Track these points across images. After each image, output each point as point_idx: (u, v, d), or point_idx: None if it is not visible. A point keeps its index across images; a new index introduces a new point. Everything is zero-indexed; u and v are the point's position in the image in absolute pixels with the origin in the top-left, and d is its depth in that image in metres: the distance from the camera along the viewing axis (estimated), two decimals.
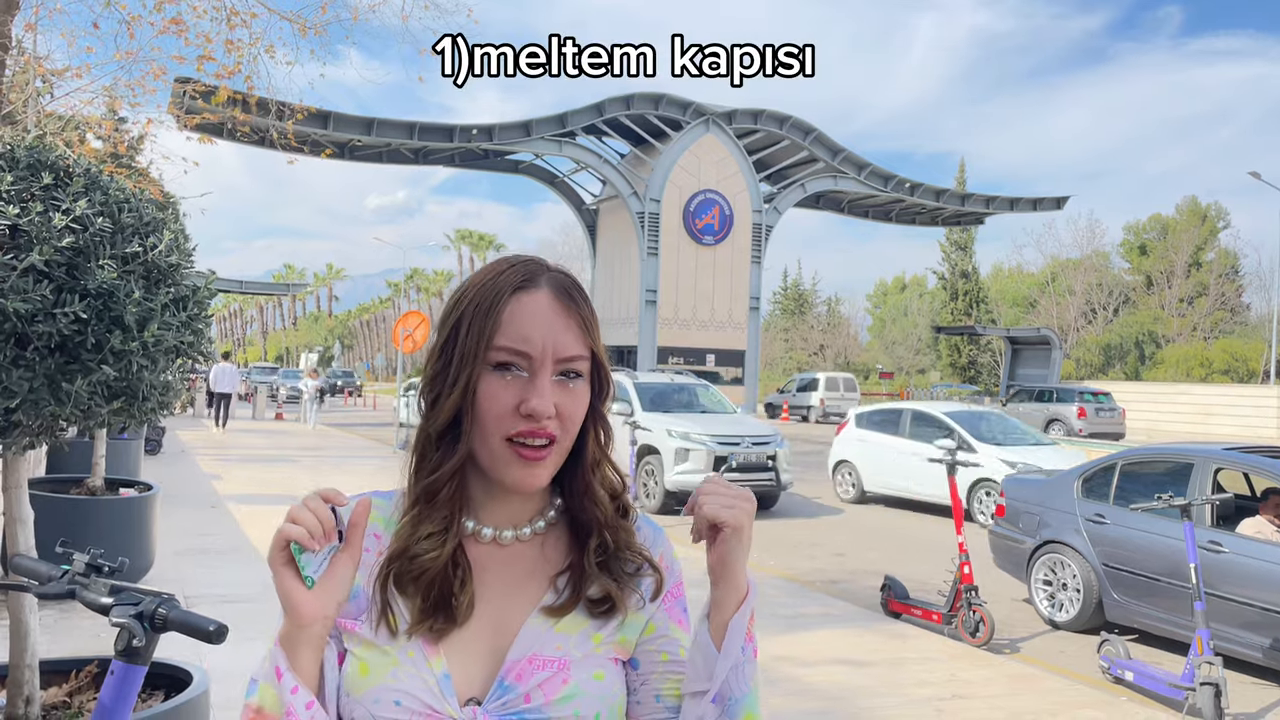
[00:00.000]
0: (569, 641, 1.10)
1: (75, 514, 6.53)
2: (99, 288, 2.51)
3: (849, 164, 38.99)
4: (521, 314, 1.07)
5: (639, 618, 1.16)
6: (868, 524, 12.87)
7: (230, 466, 15.62)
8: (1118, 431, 28.70)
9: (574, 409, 1.09)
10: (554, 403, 1.06)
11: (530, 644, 1.09)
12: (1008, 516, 8.30)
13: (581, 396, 1.10)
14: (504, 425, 1.06)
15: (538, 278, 1.10)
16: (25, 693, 2.83)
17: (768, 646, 6.36)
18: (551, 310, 1.08)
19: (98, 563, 1.76)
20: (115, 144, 13.21)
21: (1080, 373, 51.89)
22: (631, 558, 1.16)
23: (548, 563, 1.15)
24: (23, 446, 2.70)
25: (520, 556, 1.15)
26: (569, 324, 1.09)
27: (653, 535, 1.22)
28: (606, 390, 1.15)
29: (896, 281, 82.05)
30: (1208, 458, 7.03)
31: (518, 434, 1.05)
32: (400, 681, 1.05)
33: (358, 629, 1.09)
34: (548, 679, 1.07)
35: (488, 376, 1.07)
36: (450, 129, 34.05)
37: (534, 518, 1.16)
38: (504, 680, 1.07)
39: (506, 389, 1.06)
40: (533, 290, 1.09)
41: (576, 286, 1.12)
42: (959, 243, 57.46)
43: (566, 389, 1.08)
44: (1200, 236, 56.29)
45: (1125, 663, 6.02)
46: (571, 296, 1.10)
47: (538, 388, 1.05)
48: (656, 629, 1.18)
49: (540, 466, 1.07)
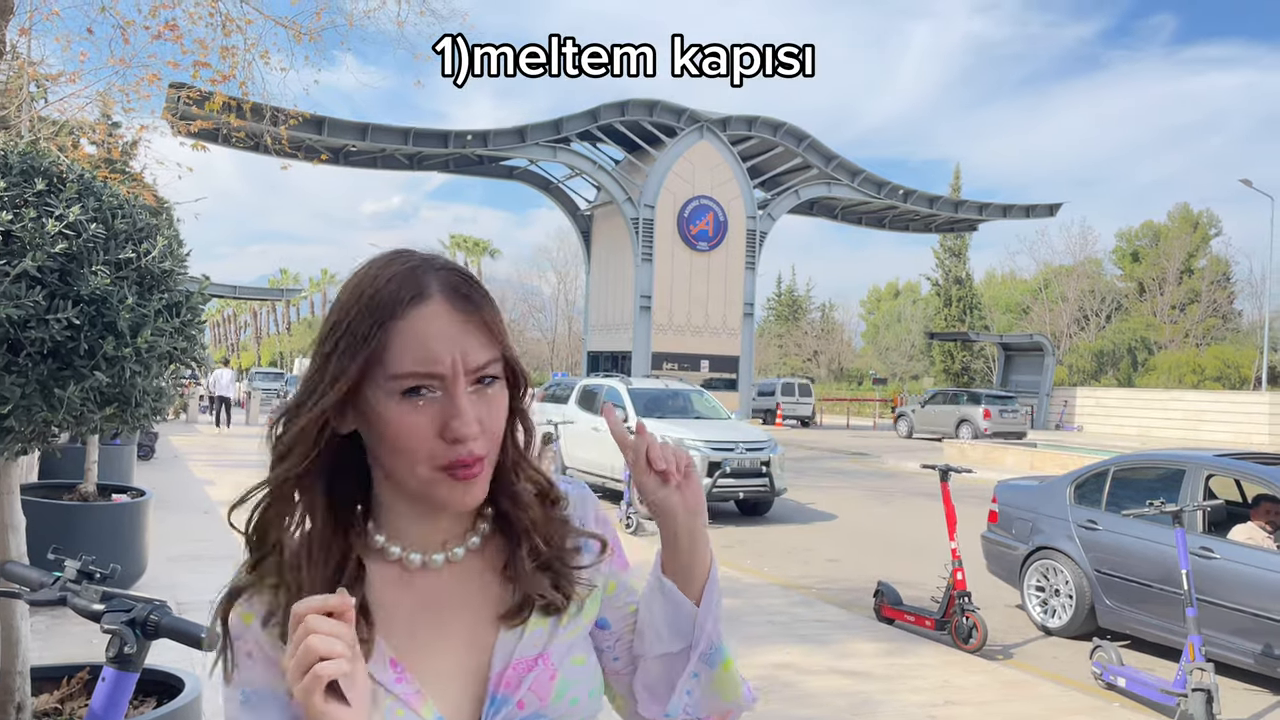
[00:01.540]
0: (543, 639, 1.07)
1: (68, 520, 6.51)
2: (92, 294, 2.51)
3: (842, 171, 39.09)
4: (419, 331, 0.96)
5: (595, 596, 1.13)
6: (861, 530, 12.88)
7: (223, 472, 15.58)
8: (1020, 430, 31.82)
9: (496, 418, 1.01)
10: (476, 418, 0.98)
11: (508, 651, 1.05)
12: (1000, 522, 8.32)
13: (499, 401, 1.02)
14: (430, 455, 0.97)
15: (426, 285, 0.98)
16: (16, 700, 2.83)
17: (762, 654, 6.36)
18: (451, 319, 0.98)
19: (89, 569, 1.76)
20: (109, 149, 13.19)
21: (1073, 379, 51.97)
22: (570, 540, 1.12)
23: (494, 570, 1.09)
24: (15, 452, 2.69)
25: (467, 572, 1.09)
26: (471, 329, 0.98)
27: (579, 498, 1.18)
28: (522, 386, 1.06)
29: (890, 288, 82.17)
30: (1199, 464, 7.05)
31: (451, 464, 0.97)
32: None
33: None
34: (536, 679, 1.05)
35: (393, 405, 0.96)
36: (445, 134, 34.05)
37: (467, 533, 1.09)
38: (495, 695, 1.04)
39: (420, 414, 0.96)
40: (424, 302, 0.97)
41: (470, 283, 1.01)
42: (953, 249, 57.56)
43: (485, 398, 0.99)
44: (1192, 243, 56.49)
45: (1117, 669, 6.03)
46: (468, 298, 0.99)
47: (458, 409, 0.96)
48: (618, 585, 1.17)
49: (475, 484, 1.00)
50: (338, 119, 31.98)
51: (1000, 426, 31.35)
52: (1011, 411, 32.13)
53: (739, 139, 37.18)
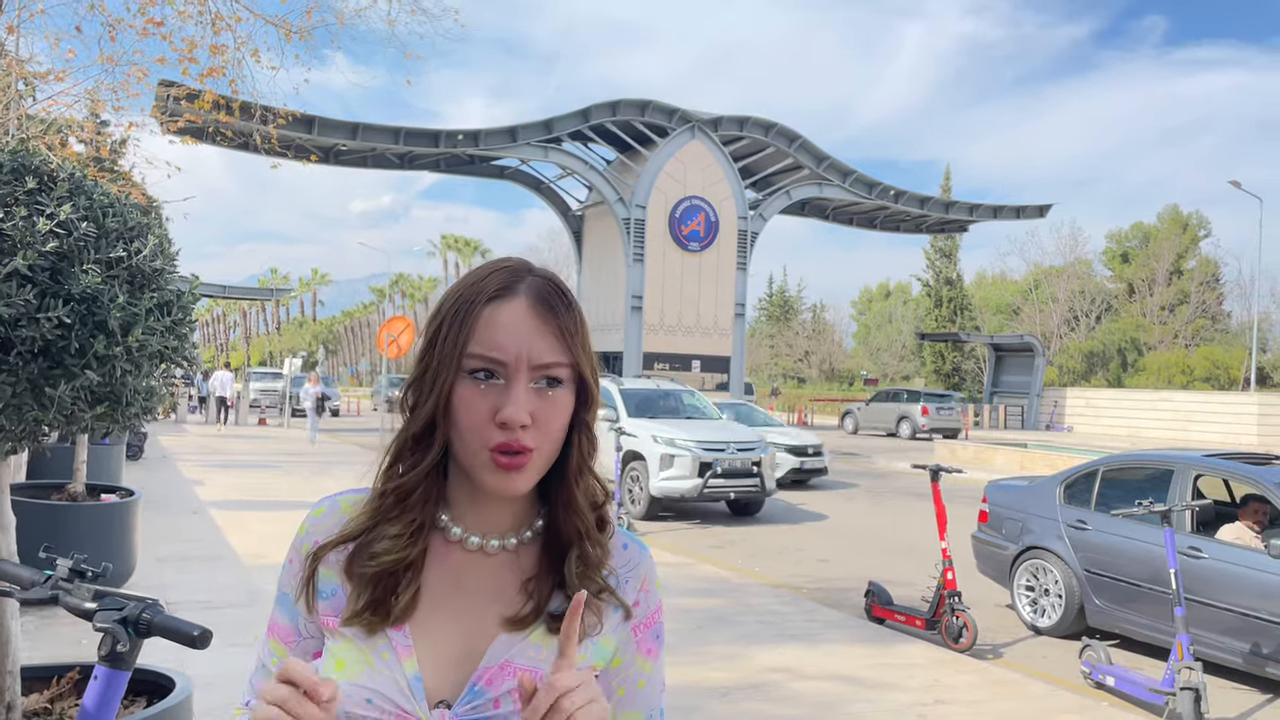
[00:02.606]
0: (541, 654, 1.10)
1: (57, 519, 6.48)
2: (83, 293, 2.50)
3: (834, 171, 39.13)
4: (496, 322, 1.07)
5: (607, 643, 1.16)
6: (852, 530, 12.90)
7: (212, 472, 15.53)
8: (955, 428, 33.70)
9: (552, 418, 1.07)
10: (530, 411, 1.05)
11: (504, 652, 1.09)
12: (990, 522, 8.35)
13: (561, 405, 1.08)
14: (482, 435, 1.05)
15: (516, 285, 1.09)
16: (6, 699, 2.82)
17: (753, 654, 6.37)
18: (527, 318, 1.07)
19: (81, 568, 1.76)
20: (97, 147, 13.13)
21: (1063, 379, 52.16)
22: (599, 579, 1.14)
23: (523, 572, 1.15)
24: (4, 452, 2.69)
25: (500, 565, 1.15)
26: (545, 331, 1.07)
27: (637, 556, 1.21)
28: (591, 401, 1.13)
29: (881, 288, 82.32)
30: (1188, 464, 7.08)
31: (497, 446, 1.05)
32: (372, 680, 1.06)
33: (336, 625, 1.11)
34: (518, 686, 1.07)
35: (464, 384, 1.06)
36: (436, 134, 33.98)
37: (520, 527, 1.16)
38: (475, 685, 1.08)
39: (482, 397, 1.05)
40: (509, 298, 1.08)
41: (558, 294, 1.10)
42: (943, 250, 57.72)
43: (545, 397, 1.07)
44: (1182, 245, 56.74)
45: (1106, 668, 6.06)
46: (549, 304, 1.08)
47: (512, 396, 1.04)
48: (622, 661, 1.18)
49: (518, 475, 1.06)
50: (328, 118, 31.87)
51: (937, 423, 33.46)
52: (948, 409, 34.27)
53: (730, 139, 37.20)
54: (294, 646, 1.16)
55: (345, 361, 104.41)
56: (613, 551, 1.18)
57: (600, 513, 1.17)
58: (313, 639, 1.15)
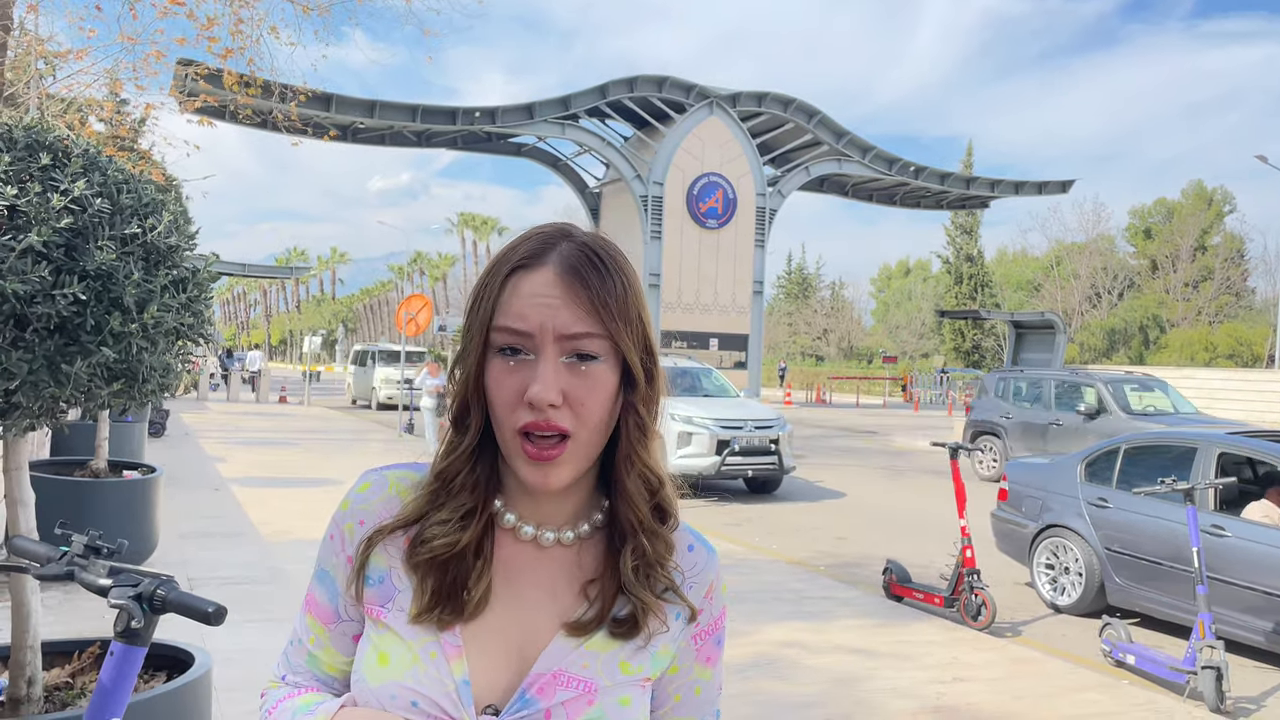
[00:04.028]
0: (597, 663, 1.04)
1: (78, 496, 6.55)
2: (98, 269, 2.50)
3: (853, 147, 38.81)
4: (521, 292, 1.00)
5: (667, 651, 1.10)
6: (870, 507, 12.87)
7: (234, 449, 15.65)
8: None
9: (588, 396, 0.99)
10: (562, 389, 0.97)
11: (557, 658, 1.04)
12: (1010, 500, 8.30)
13: (598, 381, 0.99)
14: (513, 416, 0.99)
15: (546, 254, 1.01)
16: (27, 674, 2.84)
17: (771, 631, 6.38)
18: (554, 287, 0.99)
19: (97, 544, 1.75)
20: (117, 126, 13.17)
21: (1084, 357, 51.80)
22: (663, 577, 1.08)
23: (582, 570, 1.08)
24: (23, 428, 2.69)
25: (558, 560, 1.09)
26: (572, 300, 0.98)
27: (705, 560, 1.15)
28: (639, 379, 1.03)
29: (900, 265, 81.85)
30: (1211, 442, 7.01)
31: (525, 427, 0.98)
32: (418, 683, 1.01)
33: (384, 617, 1.06)
34: (572, 699, 1.02)
35: (494, 361, 1.00)
36: (453, 111, 33.90)
37: (578, 519, 1.09)
38: (525, 693, 1.02)
39: (511, 374, 0.99)
40: (537, 267, 1.01)
41: (592, 260, 1.01)
42: (964, 226, 57.24)
43: (578, 373, 0.98)
44: (1206, 220, 56.06)
45: (1127, 646, 6.02)
46: (579, 272, 0.99)
47: (539, 372, 0.97)
48: (680, 669, 1.13)
49: (553, 466, 0.99)
50: (345, 96, 31.85)
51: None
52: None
53: (749, 115, 36.93)
54: (333, 628, 1.12)
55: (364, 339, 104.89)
56: (679, 552, 1.12)
57: (658, 501, 1.09)
58: (353, 622, 1.11)
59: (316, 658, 1.13)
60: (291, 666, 1.15)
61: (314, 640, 1.13)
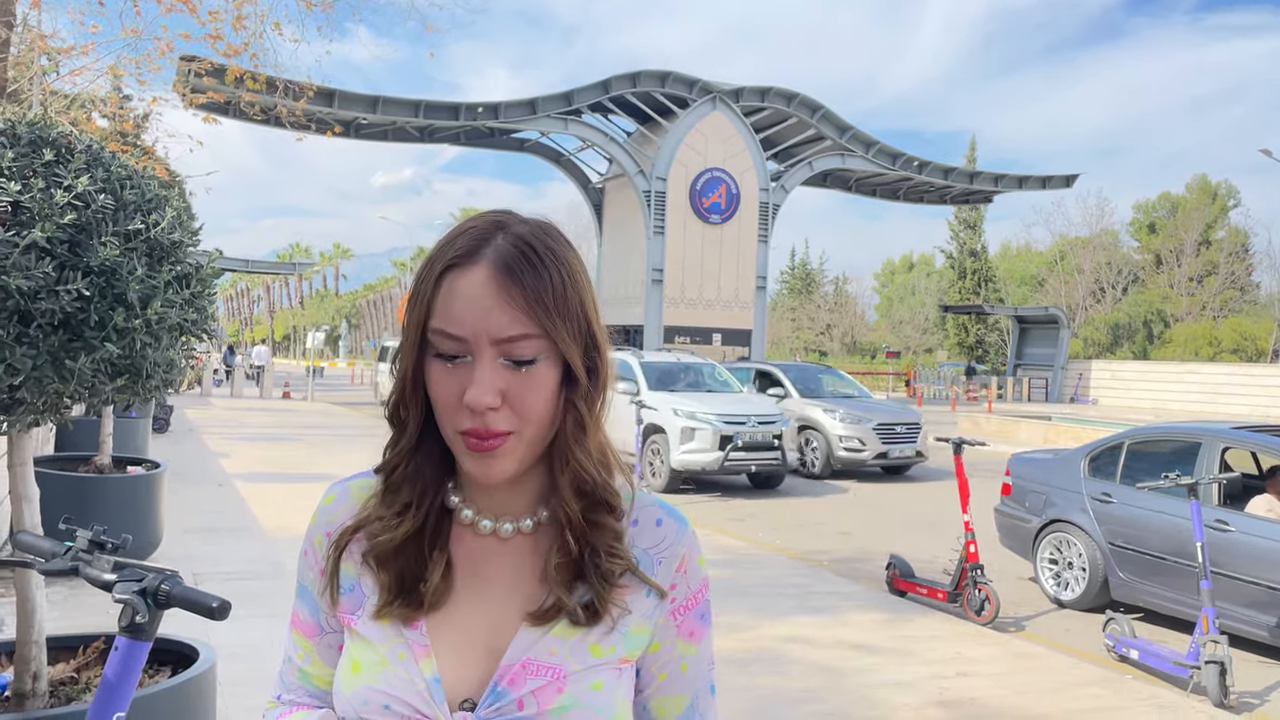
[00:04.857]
0: (564, 649, 1.04)
1: (83, 492, 6.56)
2: (101, 265, 2.50)
3: (856, 142, 38.75)
4: (454, 293, 0.97)
5: (642, 629, 1.08)
6: (873, 502, 12.87)
7: (238, 445, 15.68)
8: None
9: (529, 396, 0.98)
10: (501, 390, 0.96)
11: (525, 648, 1.03)
12: (1014, 495, 8.30)
13: (538, 380, 0.98)
14: (454, 418, 0.98)
15: (479, 250, 0.98)
16: (32, 669, 2.85)
17: (773, 626, 6.38)
18: (486, 288, 0.96)
19: (101, 539, 1.76)
20: (120, 122, 13.18)
21: (1088, 352, 51.71)
22: (617, 563, 1.05)
23: (540, 559, 1.07)
24: (27, 424, 2.70)
25: (519, 550, 1.08)
26: (506, 301, 0.96)
27: (675, 534, 1.11)
28: (580, 375, 1.01)
29: (904, 260, 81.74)
30: (1215, 437, 7.00)
31: (466, 432, 0.98)
32: (389, 685, 1.02)
33: (355, 624, 1.07)
34: (542, 687, 1.02)
35: (433, 363, 0.99)
36: (456, 107, 33.88)
37: (536, 507, 1.08)
38: (498, 685, 1.02)
39: (450, 377, 0.98)
40: (469, 266, 0.97)
41: (526, 257, 0.98)
42: (967, 221, 57.14)
43: (517, 374, 0.97)
44: (1210, 215, 55.92)
45: (1130, 641, 6.02)
46: (512, 270, 0.96)
47: (476, 376, 0.96)
48: (662, 646, 1.12)
49: (494, 459, 0.98)
50: (348, 91, 31.85)
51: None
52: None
53: (752, 110, 36.89)
54: (317, 641, 1.13)
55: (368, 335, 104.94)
56: (645, 529, 1.10)
57: (598, 496, 1.06)
58: (336, 633, 1.12)
59: (307, 673, 1.15)
60: (286, 686, 1.17)
61: (302, 656, 1.15)
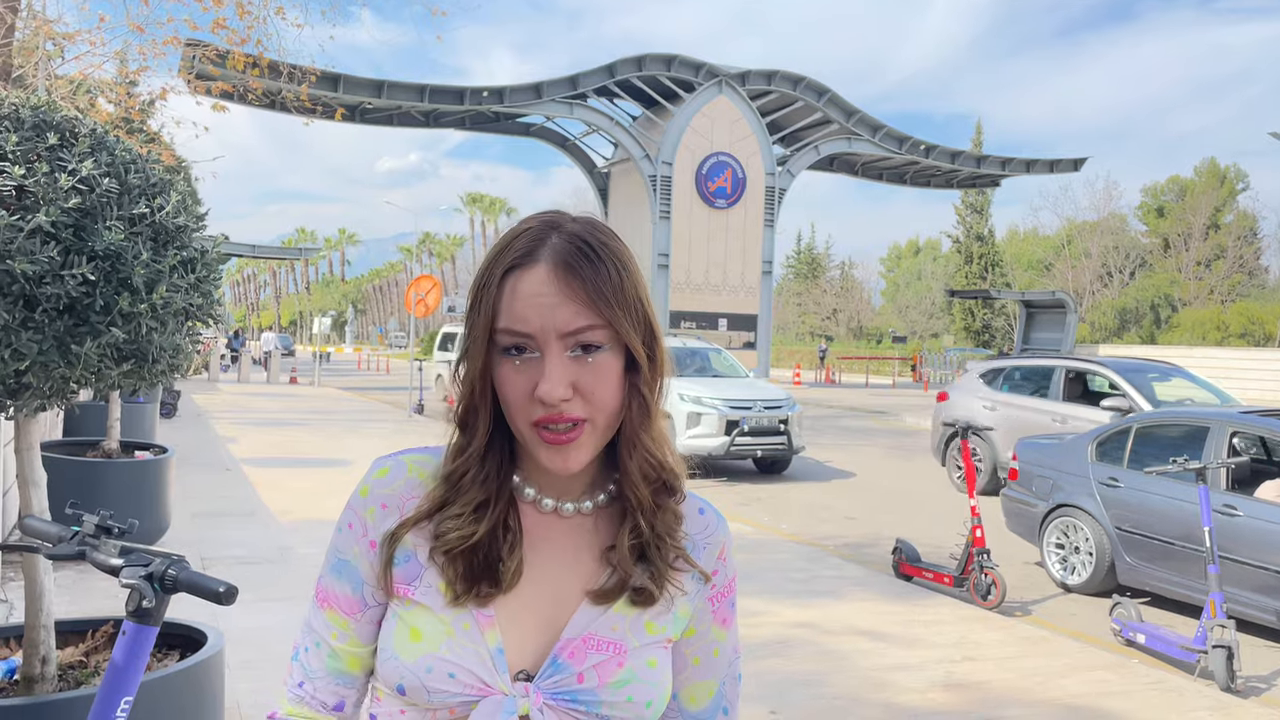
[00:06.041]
0: (624, 625, 1.09)
1: (90, 477, 6.58)
2: (106, 249, 2.49)
3: (863, 125, 38.58)
4: (518, 293, 1.01)
5: (686, 611, 1.14)
6: (880, 487, 12.88)
7: (245, 430, 15.72)
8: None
9: (598, 385, 1.02)
10: (571, 382, 1.00)
11: (586, 623, 1.08)
12: (1020, 480, 8.28)
13: (604, 369, 1.02)
14: (526, 411, 1.02)
15: (538, 250, 1.02)
16: (41, 653, 2.86)
17: (780, 611, 6.39)
18: (549, 285, 1.00)
19: (107, 524, 1.76)
20: (126, 108, 13.17)
21: (1095, 336, 51.58)
22: (673, 547, 1.12)
23: (601, 537, 1.12)
24: (34, 409, 2.70)
25: (579, 530, 1.12)
26: (569, 296, 1.00)
27: (715, 524, 1.19)
28: (641, 361, 1.05)
29: (910, 245, 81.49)
30: (1224, 421, 6.98)
31: (540, 420, 1.01)
32: (454, 654, 1.04)
33: (411, 594, 1.08)
34: (603, 661, 1.06)
35: (502, 363, 1.03)
36: (461, 91, 33.78)
37: (594, 490, 1.13)
38: (557, 658, 1.06)
39: (520, 374, 1.01)
40: (530, 266, 1.02)
41: (583, 252, 1.02)
42: (974, 205, 56.91)
43: (585, 365, 1.01)
44: (1219, 198, 55.60)
45: (1137, 625, 6.02)
46: (572, 266, 1.01)
47: (546, 371, 0.99)
48: (697, 631, 1.17)
49: (570, 450, 1.02)
50: (353, 76, 31.77)
51: None
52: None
53: (758, 94, 36.72)
54: (358, 617, 1.12)
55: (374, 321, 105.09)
56: (691, 518, 1.16)
57: (662, 484, 1.11)
58: (379, 607, 1.12)
59: (339, 654, 1.13)
60: (309, 672, 1.13)
61: (337, 635, 1.12)
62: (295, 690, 1.14)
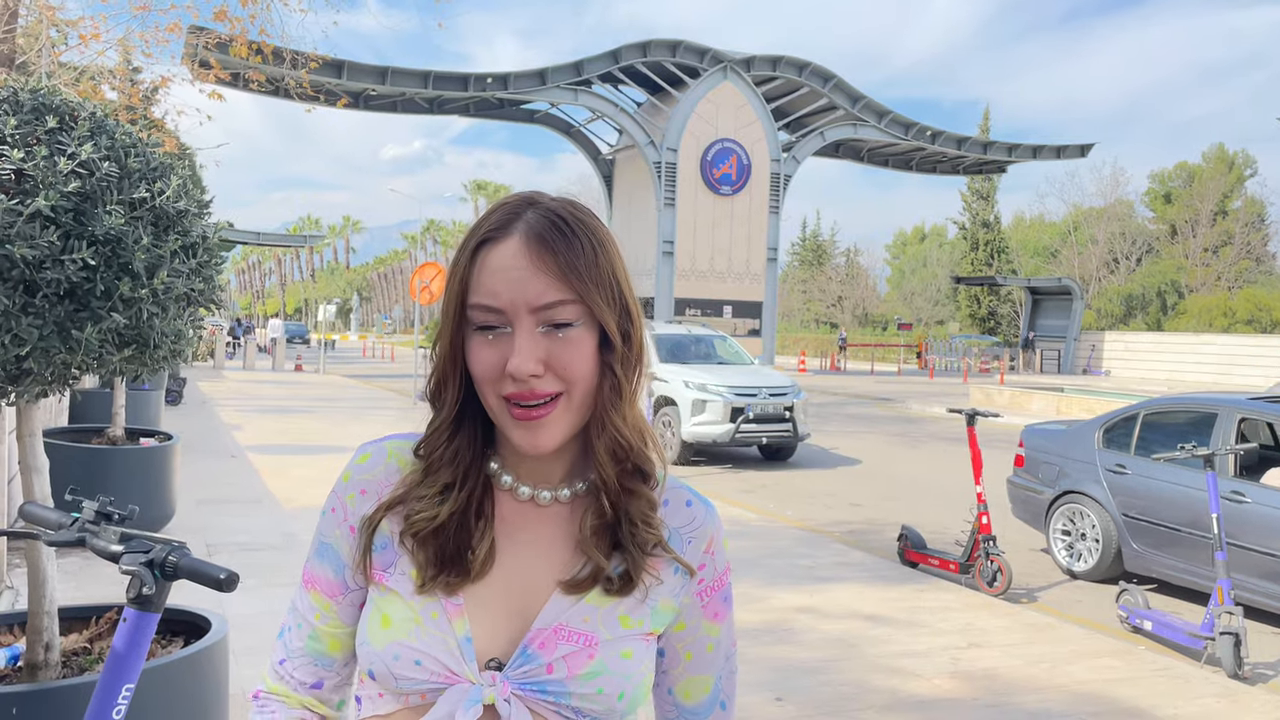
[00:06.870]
0: (596, 616, 1.06)
1: (95, 463, 6.58)
2: (107, 234, 2.47)
3: (869, 111, 38.41)
4: (489, 266, 1.00)
5: (669, 605, 1.11)
6: (886, 474, 12.85)
7: (250, 417, 15.74)
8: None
9: (570, 360, 1.00)
10: (542, 357, 0.99)
11: (557, 613, 1.05)
12: (1027, 466, 8.26)
13: (578, 346, 1.00)
14: (496, 386, 1.00)
15: (511, 224, 1.01)
16: (45, 639, 2.85)
17: (785, 597, 6.38)
18: (520, 258, 0.99)
19: (107, 510, 1.74)
20: (130, 95, 13.15)
21: (1101, 323, 51.43)
22: (649, 534, 1.08)
23: (576, 528, 1.10)
24: (35, 395, 2.68)
25: (555, 519, 1.10)
26: (540, 269, 0.99)
27: (703, 516, 1.15)
28: (616, 340, 1.03)
29: (916, 231, 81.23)
30: (1232, 408, 6.94)
31: (510, 396, 1.00)
32: (421, 642, 1.03)
33: (386, 580, 1.08)
34: (573, 653, 1.04)
35: (474, 338, 1.02)
36: (465, 78, 33.68)
37: (572, 478, 1.11)
38: (527, 648, 1.04)
39: (491, 349, 1.00)
40: (502, 239, 1.01)
41: (558, 227, 1.01)
42: (980, 192, 56.68)
43: (557, 340, 0.99)
44: (1227, 185, 55.31)
45: (1144, 612, 6.00)
46: (545, 240, 0.99)
47: (516, 345, 0.98)
48: (687, 625, 1.15)
49: (541, 427, 1.01)
50: (357, 62, 31.68)
51: None
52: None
53: (763, 80, 36.55)
54: (340, 599, 1.12)
55: (379, 308, 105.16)
56: (676, 509, 1.13)
57: (631, 464, 1.08)
58: (359, 590, 1.12)
59: (320, 635, 1.14)
60: (290, 651, 1.15)
61: (319, 616, 1.13)
62: (276, 668, 1.16)
